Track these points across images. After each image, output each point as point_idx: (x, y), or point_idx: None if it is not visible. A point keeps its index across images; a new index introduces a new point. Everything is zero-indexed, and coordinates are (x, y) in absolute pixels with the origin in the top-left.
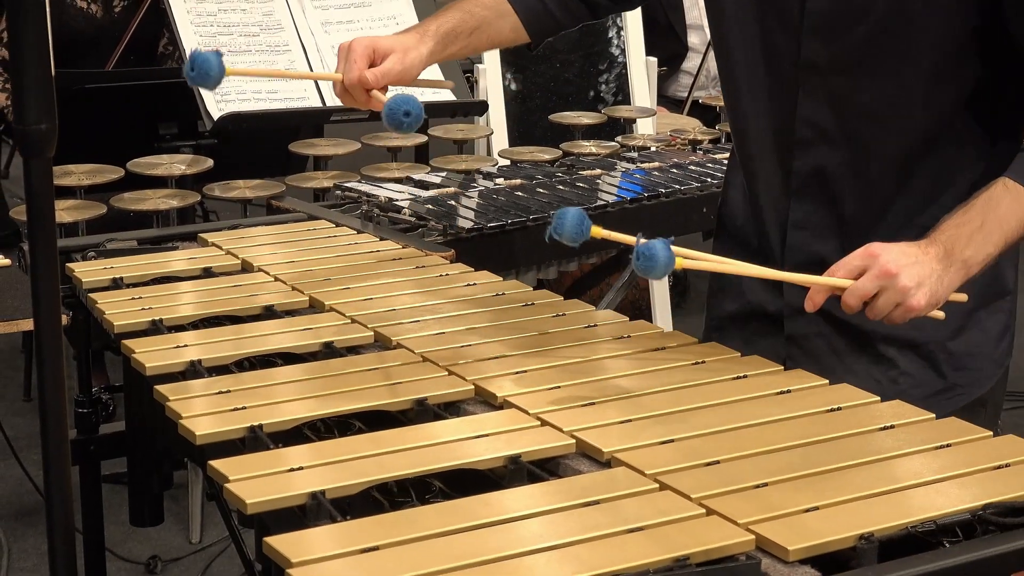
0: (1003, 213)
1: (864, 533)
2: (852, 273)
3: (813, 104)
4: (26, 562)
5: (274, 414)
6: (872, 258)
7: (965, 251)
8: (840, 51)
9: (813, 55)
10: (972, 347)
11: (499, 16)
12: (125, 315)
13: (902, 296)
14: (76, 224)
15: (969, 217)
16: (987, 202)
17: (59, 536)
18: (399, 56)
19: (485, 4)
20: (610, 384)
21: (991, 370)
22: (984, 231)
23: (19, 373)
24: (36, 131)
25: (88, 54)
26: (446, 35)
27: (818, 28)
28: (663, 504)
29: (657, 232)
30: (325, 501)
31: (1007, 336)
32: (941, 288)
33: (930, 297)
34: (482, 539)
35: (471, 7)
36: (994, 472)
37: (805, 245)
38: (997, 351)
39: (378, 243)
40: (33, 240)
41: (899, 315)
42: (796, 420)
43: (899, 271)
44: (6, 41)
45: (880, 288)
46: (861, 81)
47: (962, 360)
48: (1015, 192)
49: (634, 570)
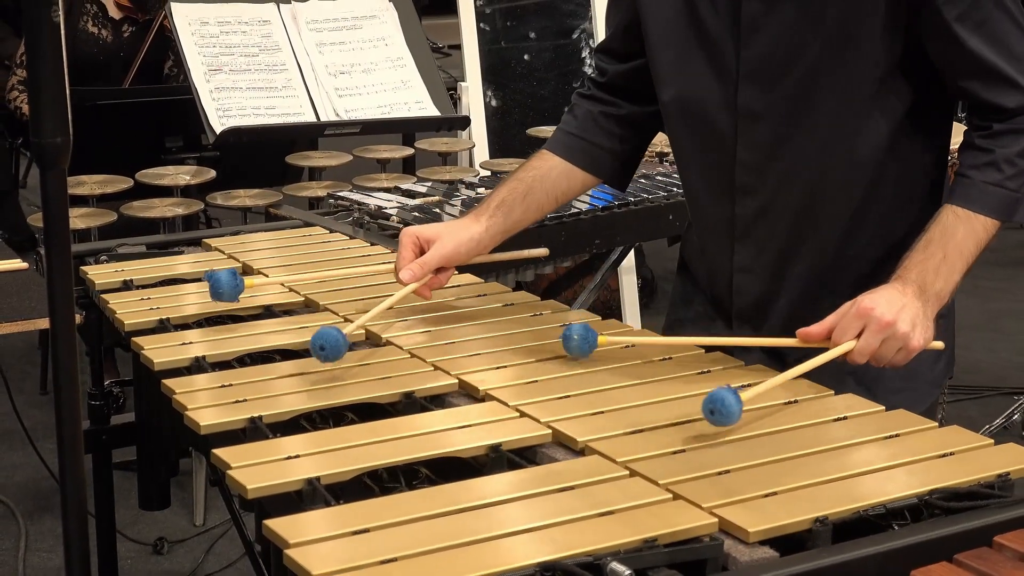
0: (960, 241)
1: (819, 516)
2: (851, 333)
3: (752, 150)
4: (43, 543)
5: (273, 406)
6: (867, 315)
7: (936, 284)
8: (776, 96)
9: (750, 102)
10: (907, 371)
11: (551, 170)
12: (134, 314)
13: (903, 341)
14: (89, 230)
15: (931, 252)
16: (943, 234)
17: (73, 519)
18: (443, 244)
19: (532, 166)
20: (584, 378)
21: (927, 390)
22: (948, 262)
23: (36, 368)
24: (52, 144)
25: (99, 75)
26: (499, 208)
27: (754, 75)
28: (633, 489)
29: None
30: (320, 487)
31: (943, 358)
32: (929, 322)
33: (924, 333)
34: (465, 522)
35: (520, 173)
36: (939, 460)
37: (751, 287)
38: (932, 373)
39: (369, 248)
40: (49, 245)
41: (902, 358)
42: (756, 412)
43: (895, 319)
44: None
45: (882, 340)
46: (798, 123)
47: (897, 383)
48: (966, 218)
49: (606, 551)
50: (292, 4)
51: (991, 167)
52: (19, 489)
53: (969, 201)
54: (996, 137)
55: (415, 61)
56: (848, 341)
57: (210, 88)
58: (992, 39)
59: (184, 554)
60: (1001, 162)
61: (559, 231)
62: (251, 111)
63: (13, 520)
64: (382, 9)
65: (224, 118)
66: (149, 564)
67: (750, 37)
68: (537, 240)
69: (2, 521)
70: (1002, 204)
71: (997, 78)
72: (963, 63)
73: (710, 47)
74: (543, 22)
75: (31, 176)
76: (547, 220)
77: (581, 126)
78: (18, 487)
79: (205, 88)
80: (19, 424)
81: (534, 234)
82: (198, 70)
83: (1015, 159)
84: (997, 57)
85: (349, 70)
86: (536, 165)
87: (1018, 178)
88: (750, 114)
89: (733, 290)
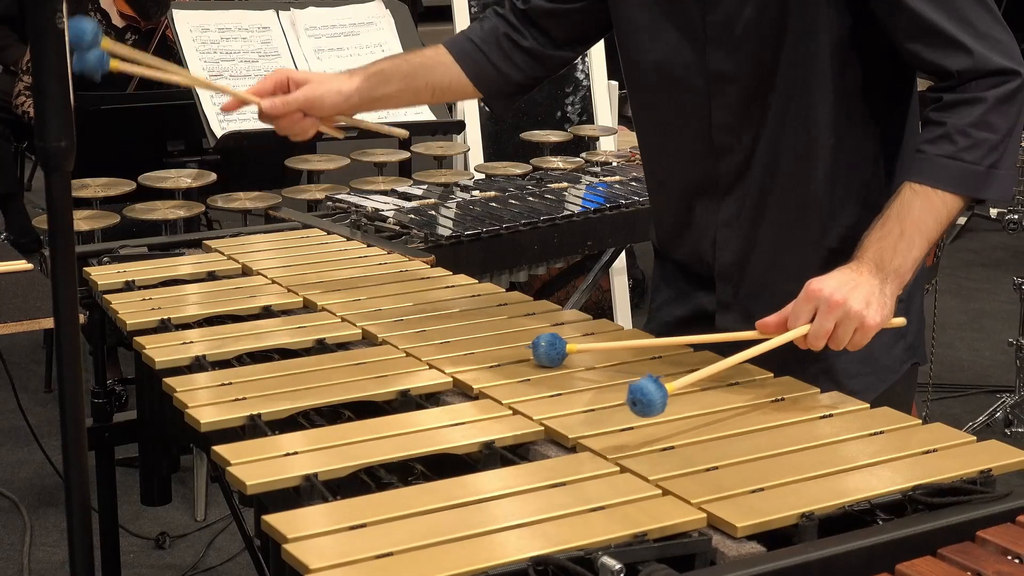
0: (917, 216)
1: (805, 512)
2: (804, 317)
3: (725, 111)
4: (47, 538)
5: (271, 404)
6: (816, 296)
7: (894, 261)
8: (742, 58)
9: (719, 64)
10: (864, 354)
11: (439, 64)
12: (136, 314)
13: (858, 320)
14: (92, 232)
15: (888, 229)
16: (900, 209)
17: (77, 514)
18: (311, 88)
19: (425, 54)
20: (575, 376)
21: (885, 375)
22: (906, 238)
23: (41, 367)
24: (56, 148)
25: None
26: (375, 75)
27: (720, 39)
28: (623, 485)
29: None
30: (317, 483)
31: (900, 343)
32: (886, 299)
33: (881, 310)
34: (459, 517)
35: (410, 55)
36: (923, 456)
37: (732, 242)
38: (888, 358)
39: (366, 249)
40: (53, 246)
41: (860, 338)
42: (743, 409)
43: (846, 298)
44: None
45: (836, 321)
46: (763, 85)
47: (853, 368)
48: (923, 193)
49: (597, 545)
50: (291, 11)
51: (944, 139)
52: (24, 485)
53: (924, 176)
54: (948, 109)
55: None
56: (802, 326)
57: (211, 94)
58: (937, 1)
59: (185, 548)
60: (954, 133)
61: (552, 232)
62: (251, 115)
63: (18, 515)
64: (379, 16)
65: (224, 122)
66: (151, 558)
67: (716, 3)
68: (529, 243)
69: (8, 516)
70: (960, 178)
71: (941, 39)
72: (905, 23)
73: (679, 14)
74: None
75: (36, 179)
76: (540, 222)
77: (484, 38)
78: (23, 483)
79: (206, 94)
80: (24, 421)
81: (526, 238)
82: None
83: (969, 130)
84: (941, 18)
85: None
86: (428, 54)
87: (974, 150)
88: (720, 77)
89: (716, 246)
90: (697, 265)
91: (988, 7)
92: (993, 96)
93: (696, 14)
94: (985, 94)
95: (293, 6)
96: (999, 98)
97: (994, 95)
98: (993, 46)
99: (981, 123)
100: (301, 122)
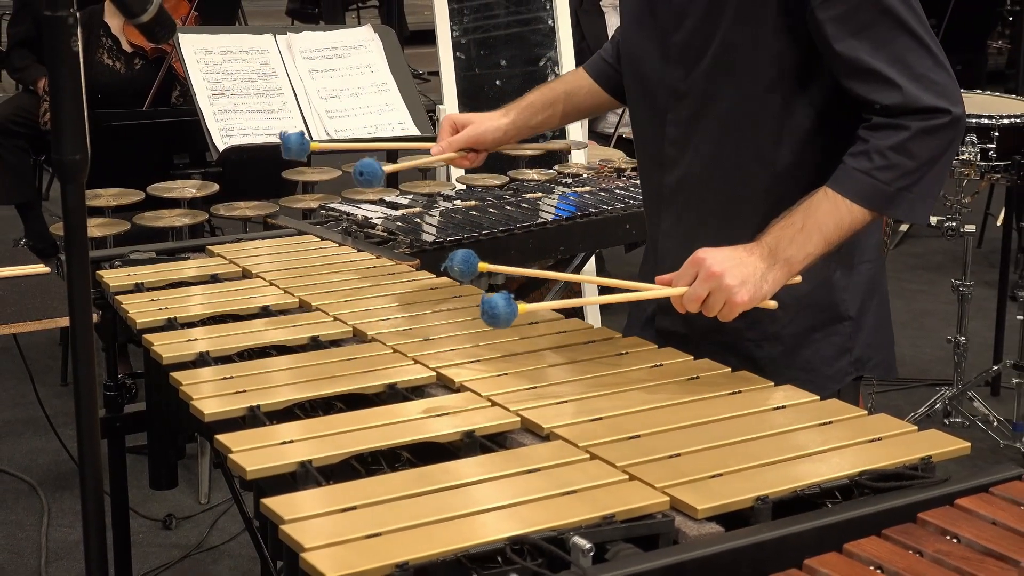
0: (821, 217)
1: (760, 495)
2: (686, 280)
3: (676, 125)
4: (63, 519)
5: (269, 396)
6: (699, 263)
7: (788, 250)
8: (694, 78)
9: (675, 82)
10: (806, 364)
11: (580, 88)
12: (145, 314)
13: (728, 294)
14: (104, 238)
15: (792, 220)
16: (808, 207)
17: (91, 498)
18: (474, 128)
19: (565, 79)
20: (549, 371)
21: (826, 384)
22: (805, 232)
23: (57, 362)
24: (72, 161)
25: (113, 100)
26: (526, 108)
27: (679, 57)
28: (593, 471)
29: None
30: (312, 469)
31: (846, 357)
32: (765, 284)
33: (753, 293)
34: (442, 500)
35: (555, 83)
36: (869, 444)
37: (671, 252)
38: (831, 369)
39: (356, 254)
40: (69, 251)
41: (726, 312)
42: (704, 401)
43: (723, 272)
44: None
45: (709, 290)
46: (709, 105)
47: (796, 374)
48: (832, 199)
49: (569, 526)
50: (287, 35)
51: (863, 155)
52: (42, 470)
53: (837, 183)
54: (875, 129)
55: (398, 86)
56: (682, 287)
57: (214, 110)
58: (874, 43)
59: (190, 529)
60: (872, 152)
61: (528, 239)
62: (251, 131)
63: (37, 498)
64: (368, 39)
65: (226, 137)
66: (159, 538)
67: (680, 22)
68: (507, 247)
69: (27, 499)
70: (869, 193)
71: (876, 78)
72: (840, 63)
73: (657, 30)
74: (513, 51)
75: (53, 189)
76: (516, 228)
77: (615, 54)
78: (41, 469)
79: (209, 110)
80: (42, 412)
81: (504, 243)
82: (203, 94)
83: (887, 152)
84: (876, 60)
85: (339, 94)
86: (570, 80)
87: (888, 171)
88: (675, 93)
89: (658, 255)
90: (649, 268)
91: (930, 50)
92: (917, 127)
93: (665, 33)
94: (910, 123)
95: (289, 30)
96: (923, 129)
97: (918, 126)
98: (928, 86)
99: (900, 148)
100: (469, 156)
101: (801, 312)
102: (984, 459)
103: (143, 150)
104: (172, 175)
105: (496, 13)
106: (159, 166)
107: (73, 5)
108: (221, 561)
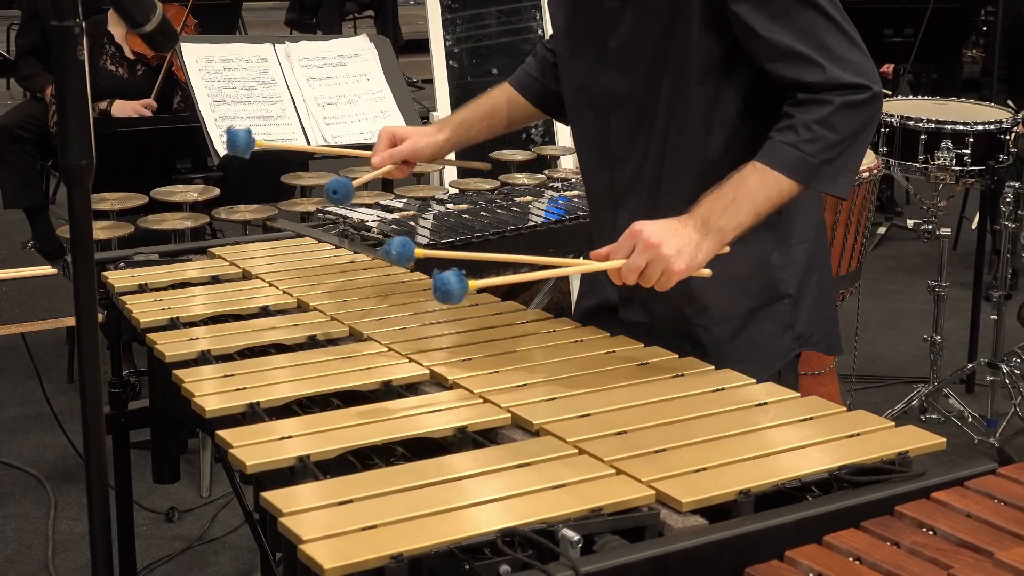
0: (751, 188)
1: (743, 489)
2: (624, 252)
3: (621, 125)
4: (69, 512)
5: (269, 393)
6: (636, 235)
7: (719, 221)
8: (633, 79)
9: (615, 85)
10: (751, 343)
11: (508, 101)
12: (149, 313)
13: (666, 263)
14: (109, 241)
15: (723, 192)
16: (738, 180)
17: (96, 491)
18: (412, 141)
19: (493, 95)
20: (538, 368)
21: (771, 362)
22: (736, 204)
23: (64, 360)
24: (77, 166)
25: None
26: (460, 124)
27: (616, 62)
28: (581, 465)
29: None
30: (310, 463)
31: (788, 333)
32: (700, 253)
33: (689, 262)
34: (435, 494)
35: (482, 99)
36: (848, 440)
37: None
38: (776, 347)
39: (352, 256)
40: (75, 253)
41: (664, 281)
42: (688, 398)
43: (660, 242)
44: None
45: (648, 260)
46: (651, 103)
47: (743, 354)
48: (762, 171)
49: (558, 519)
50: (286, 44)
51: (789, 129)
52: (49, 465)
53: (766, 157)
54: (800, 104)
55: (393, 94)
56: (620, 260)
57: (215, 117)
58: (793, 28)
59: (192, 521)
60: (799, 126)
61: (518, 241)
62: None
63: (44, 491)
64: (364, 49)
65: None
66: (162, 530)
67: (614, 29)
68: (499, 249)
69: (34, 492)
70: (796, 165)
71: (798, 59)
72: (762, 48)
73: (592, 37)
74: (504, 60)
75: (59, 194)
76: (508, 231)
77: (539, 69)
78: (48, 463)
79: (210, 117)
80: (49, 408)
81: (496, 244)
82: (204, 101)
83: (812, 125)
84: (797, 42)
85: (335, 101)
86: (496, 95)
87: (813, 143)
88: (616, 95)
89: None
90: None
91: (846, 33)
92: (840, 101)
93: (600, 40)
94: (833, 97)
95: (288, 40)
96: (845, 103)
97: (841, 100)
98: (846, 66)
99: (824, 122)
100: (403, 167)
101: (744, 294)
102: (959, 454)
103: (146, 155)
104: (175, 180)
105: (488, 23)
106: (162, 171)
107: (79, 15)
108: (222, 553)
